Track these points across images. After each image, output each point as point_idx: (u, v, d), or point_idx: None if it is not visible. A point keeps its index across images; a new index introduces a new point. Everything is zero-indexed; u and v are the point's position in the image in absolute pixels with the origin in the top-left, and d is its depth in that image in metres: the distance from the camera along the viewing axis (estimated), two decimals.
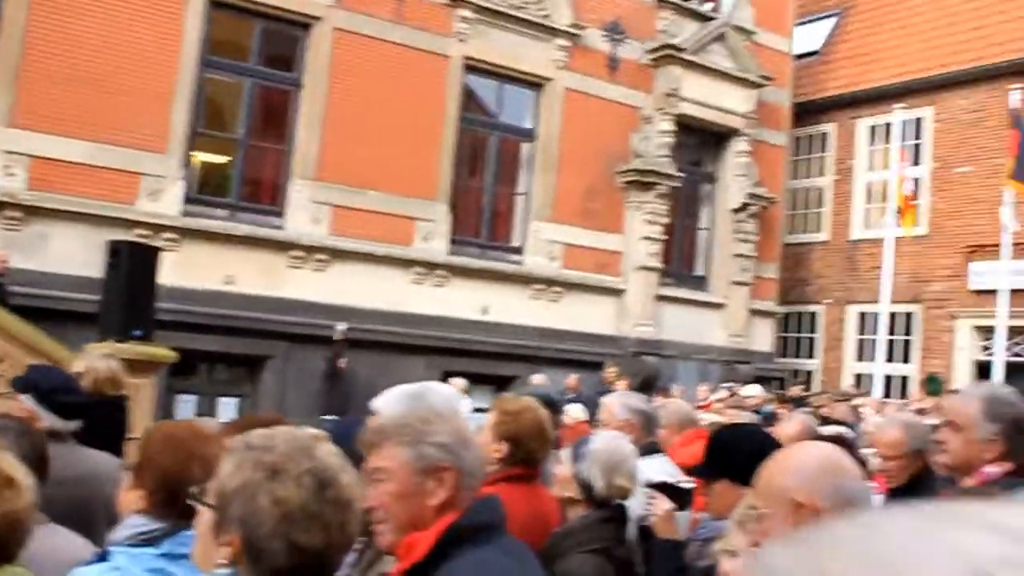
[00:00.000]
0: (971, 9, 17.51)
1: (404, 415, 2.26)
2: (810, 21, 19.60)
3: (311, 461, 1.69)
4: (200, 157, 12.63)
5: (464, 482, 2.16)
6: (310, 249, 12.58)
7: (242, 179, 12.77)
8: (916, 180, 16.57)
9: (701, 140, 16.66)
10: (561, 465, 3.44)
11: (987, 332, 15.79)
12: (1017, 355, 15.54)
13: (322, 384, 12.13)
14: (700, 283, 16.59)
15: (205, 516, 1.79)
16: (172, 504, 2.38)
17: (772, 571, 0.36)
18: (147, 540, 2.35)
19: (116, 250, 8.70)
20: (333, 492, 1.68)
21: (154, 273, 8.87)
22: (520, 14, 14.32)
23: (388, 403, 2.85)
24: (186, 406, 11.67)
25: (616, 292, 15.17)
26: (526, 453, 3.47)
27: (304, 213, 12.64)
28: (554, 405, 6.00)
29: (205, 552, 1.80)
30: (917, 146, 17.31)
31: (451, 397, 3.07)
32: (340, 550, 1.71)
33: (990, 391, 3.16)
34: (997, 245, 14.63)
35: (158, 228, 11.47)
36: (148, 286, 8.73)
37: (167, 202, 11.70)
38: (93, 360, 4.46)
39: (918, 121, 17.35)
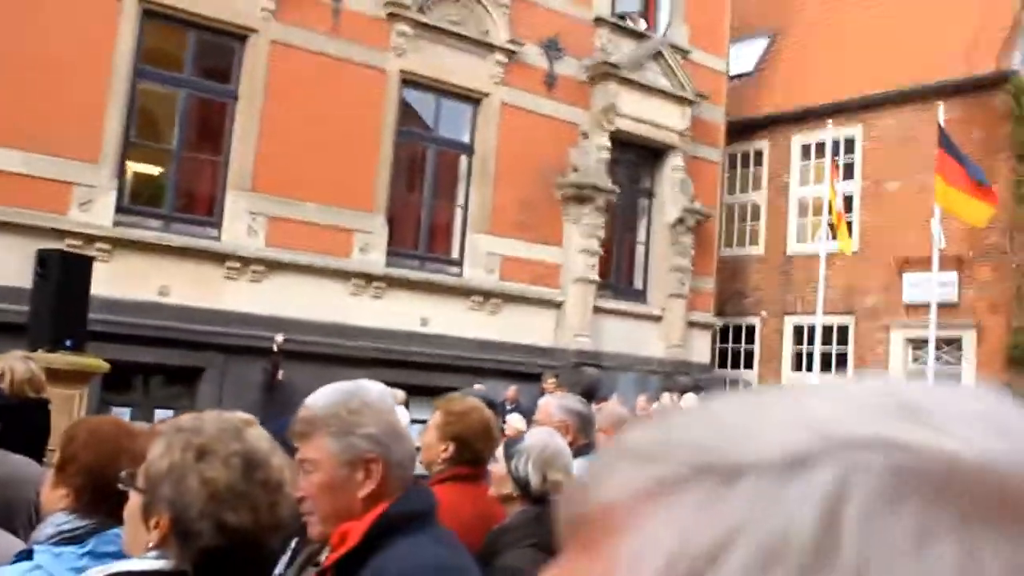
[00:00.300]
0: (899, 31, 17.92)
1: (334, 406, 2.25)
2: (743, 41, 19.91)
3: (240, 443, 1.69)
4: (133, 167, 12.46)
5: (393, 473, 2.17)
6: (246, 260, 12.45)
7: (176, 190, 12.61)
8: (848, 196, 16.90)
9: (638, 156, 16.83)
10: (497, 463, 3.45)
11: (919, 343, 16.13)
12: (948, 363, 15.90)
13: (260, 396, 12.00)
14: (638, 295, 16.72)
15: (134, 500, 1.77)
16: (98, 501, 2.34)
17: (622, 442, 0.39)
18: (71, 539, 2.30)
19: (44, 260, 8.57)
20: (262, 474, 1.67)
21: (86, 283, 8.74)
22: (458, 30, 14.36)
23: (320, 398, 2.84)
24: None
25: (555, 304, 15.23)
26: (472, 453, 3.48)
27: (240, 224, 12.53)
28: (496, 407, 6.02)
29: (135, 536, 1.78)
30: (849, 163, 17.66)
31: (384, 393, 3.06)
32: (270, 531, 1.70)
33: None
34: (928, 258, 14.96)
35: (90, 238, 11.28)
36: (80, 296, 8.60)
37: (99, 212, 11.51)
38: (11, 361, 4.34)
39: (848, 139, 17.70)
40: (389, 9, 13.66)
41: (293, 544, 2.43)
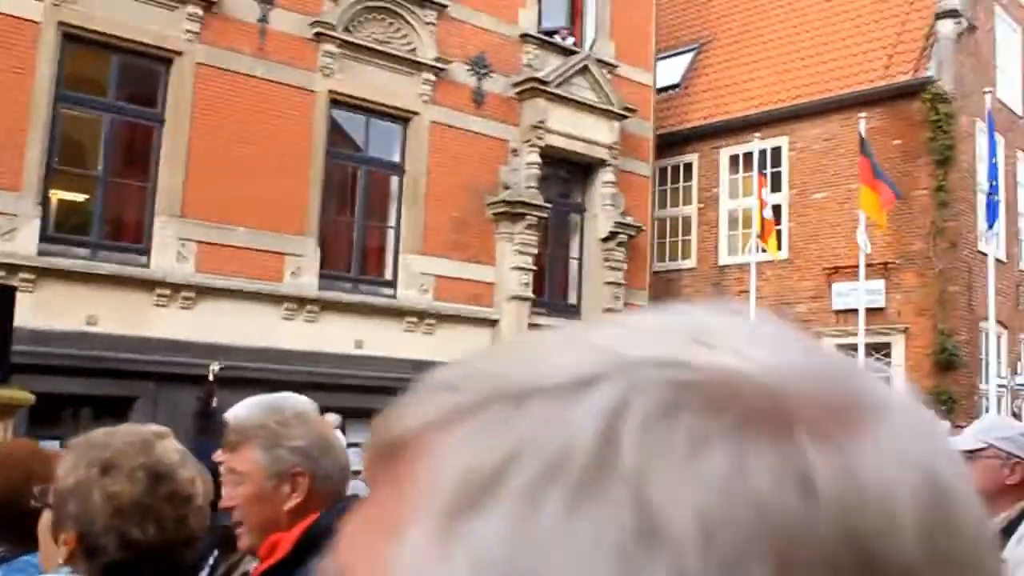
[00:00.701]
0: (820, 44, 18.35)
1: (263, 415, 2.24)
2: (670, 56, 20.18)
3: (146, 456, 1.66)
4: (58, 195, 12.23)
5: (320, 486, 2.16)
6: (176, 287, 12.28)
7: (103, 217, 12.40)
8: (776, 207, 17.18)
9: (568, 171, 16.93)
10: None
11: (850, 350, 16.39)
12: (879, 369, 16.17)
13: (194, 424, 11.80)
14: (573, 311, 16.77)
15: (46, 517, 1.74)
16: (9, 528, 2.28)
17: (429, 379, 0.41)
18: None
19: None
20: (168, 487, 1.64)
21: (9, 314, 8.53)
22: (385, 49, 14.35)
23: (243, 409, 2.81)
24: None
25: (490, 322, 15.23)
26: None
27: (169, 250, 12.35)
28: None
29: (47, 553, 1.74)
30: (776, 174, 17.95)
31: (310, 405, 3.04)
32: (179, 545, 1.67)
33: None
34: (855, 266, 15.26)
35: (13, 268, 11.04)
36: (3, 328, 8.39)
37: (22, 241, 11.28)
38: None
39: (775, 150, 18.00)
40: (316, 29, 13.60)
41: (212, 559, 2.39)
